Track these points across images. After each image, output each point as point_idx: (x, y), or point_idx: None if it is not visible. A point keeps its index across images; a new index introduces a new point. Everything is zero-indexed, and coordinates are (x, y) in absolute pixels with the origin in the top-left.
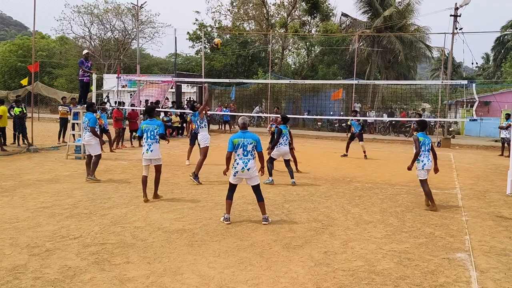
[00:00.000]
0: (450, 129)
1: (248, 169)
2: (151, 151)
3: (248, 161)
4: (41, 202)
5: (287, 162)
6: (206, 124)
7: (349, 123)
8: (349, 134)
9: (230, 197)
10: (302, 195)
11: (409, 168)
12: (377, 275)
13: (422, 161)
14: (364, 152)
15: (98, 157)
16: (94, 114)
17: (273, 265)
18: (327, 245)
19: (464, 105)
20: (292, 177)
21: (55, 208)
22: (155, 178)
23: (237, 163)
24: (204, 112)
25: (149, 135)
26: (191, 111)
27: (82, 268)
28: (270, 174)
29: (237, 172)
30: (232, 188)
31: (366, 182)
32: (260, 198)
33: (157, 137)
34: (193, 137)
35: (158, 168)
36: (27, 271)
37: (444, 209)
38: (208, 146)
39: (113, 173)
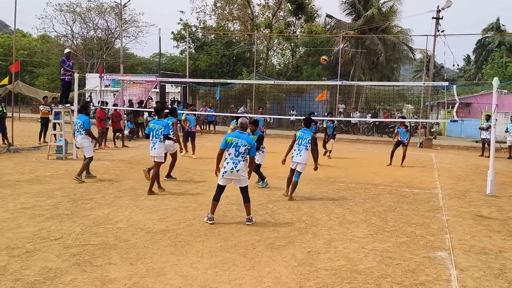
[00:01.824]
0: (432, 130)
1: (237, 171)
2: (154, 148)
3: (239, 162)
4: (21, 203)
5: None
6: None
7: (324, 125)
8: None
9: (217, 198)
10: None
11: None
12: (359, 274)
13: None
14: (330, 151)
15: (90, 159)
16: (88, 116)
17: (257, 265)
18: (310, 245)
19: (446, 107)
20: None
21: (35, 209)
22: (152, 174)
23: (227, 163)
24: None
25: (154, 134)
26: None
27: (63, 269)
28: (263, 178)
29: (225, 172)
30: (220, 189)
31: (349, 183)
32: (246, 199)
33: (161, 136)
34: (186, 135)
35: (156, 164)
36: (6, 273)
37: (425, 209)
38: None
39: (96, 174)
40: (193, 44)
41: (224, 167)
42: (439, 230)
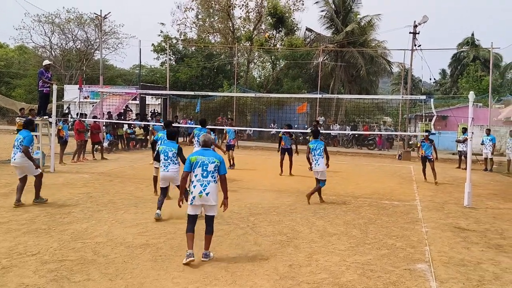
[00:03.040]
0: (410, 143)
1: (207, 194)
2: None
3: (208, 183)
4: None
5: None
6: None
7: (280, 134)
8: (280, 149)
9: (190, 229)
10: (267, 208)
11: None
12: (341, 287)
13: None
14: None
15: (40, 177)
16: (32, 133)
17: (238, 279)
18: (292, 258)
19: (423, 119)
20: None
21: (11, 224)
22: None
23: (194, 186)
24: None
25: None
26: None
27: (40, 286)
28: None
29: (194, 197)
30: (192, 219)
31: (330, 195)
32: (209, 230)
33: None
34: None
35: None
36: None
37: (405, 221)
38: None
39: (74, 187)
40: (174, 56)
41: (192, 192)
42: (418, 242)
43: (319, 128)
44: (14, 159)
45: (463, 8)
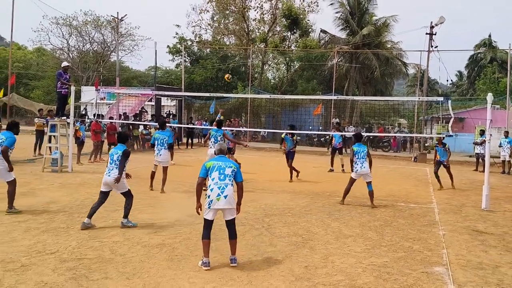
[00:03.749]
0: (426, 145)
1: (225, 197)
2: (160, 155)
3: (226, 186)
4: (16, 216)
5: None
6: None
7: (282, 136)
8: (282, 148)
9: (206, 235)
10: (282, 209)
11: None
12: None
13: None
14: (296, 171)
15: (13, 183)
16: (15, 136)
17: (254, 280)
18: (307, 259)
19: (440, 121)
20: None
21: (30, 222)
22: (162, 178)
23: (211, 189)
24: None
25: (159, 142)
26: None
27: (59, 284)
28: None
29: (211, 201)
30: (209, 225)
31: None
32: (233, 234)
33: (166, 145)
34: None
35: (164, 170)
36: (1, 287)
37: (422, 223)
38: None
39: (91, 187)
40: (189, 58)
41: (209, 196)
42: (436, 245)
43: (356, 132)
44: None
45: (480, 9)
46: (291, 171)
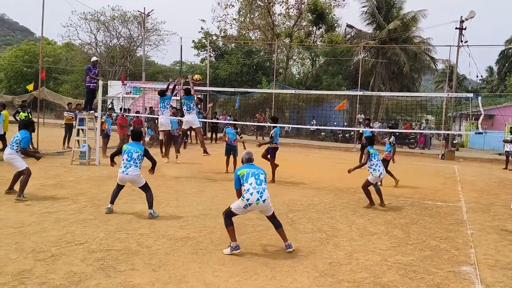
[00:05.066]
0: (454, 142)
1: (264, 201)
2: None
3: (264, 190)
4: (46, 207)
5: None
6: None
7: (272, 133)
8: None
9: (230, 223)
10: (306, 205)
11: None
12: (383, 287)
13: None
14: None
15: (27, 172)
16: (31, 134)
17: (278, 275)
18: (331, 256)
19: (469, 118)
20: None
21: (60, 214)
22: (199, 139)
23: (251, 194)
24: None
25: (187, 108)
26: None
27: (88, 274)
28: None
29: (250, 204)
30: (233, 215)
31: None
32: (278, 224)
33: (193, 110)
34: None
35: (197, 131)
36: (32, 276)
37: (449, 222)
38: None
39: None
40: (214, 53)
41: (248, 199)
42: (463, 244)
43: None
44: (5, 154)
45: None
46: (273, 172)
